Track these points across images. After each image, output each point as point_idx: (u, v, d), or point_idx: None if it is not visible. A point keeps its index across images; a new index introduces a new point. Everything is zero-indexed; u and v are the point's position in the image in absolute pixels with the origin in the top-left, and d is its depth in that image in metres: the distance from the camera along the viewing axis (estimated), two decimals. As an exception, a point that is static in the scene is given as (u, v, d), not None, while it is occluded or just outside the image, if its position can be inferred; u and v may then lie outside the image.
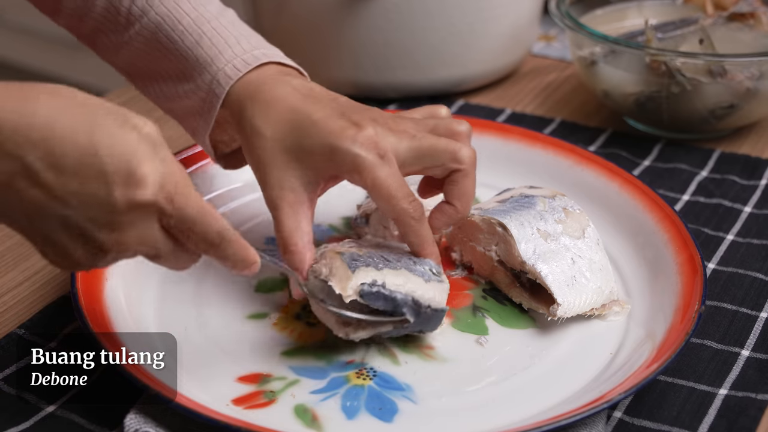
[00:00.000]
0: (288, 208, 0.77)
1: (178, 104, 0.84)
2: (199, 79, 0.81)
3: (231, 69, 0.80)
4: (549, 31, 1.35)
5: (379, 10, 1.11)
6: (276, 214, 0.77)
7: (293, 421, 0.73)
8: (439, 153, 0.77)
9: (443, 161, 0.78)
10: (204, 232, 0.66)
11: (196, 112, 0.82)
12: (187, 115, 0.84)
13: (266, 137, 0.77)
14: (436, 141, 0.78)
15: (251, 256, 0.69)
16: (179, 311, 0.82)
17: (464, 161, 0.78)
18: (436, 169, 0.78)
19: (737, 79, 1.03)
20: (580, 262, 0.82)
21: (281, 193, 0.77)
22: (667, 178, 1.03)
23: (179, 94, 0.83)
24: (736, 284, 0.88)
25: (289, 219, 0.77)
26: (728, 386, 0.77)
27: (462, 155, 0.77)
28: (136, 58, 0.84)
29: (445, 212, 0.79)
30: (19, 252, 0.91)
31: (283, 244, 0.77)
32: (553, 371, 0.78)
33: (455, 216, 0.80)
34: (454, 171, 0.78)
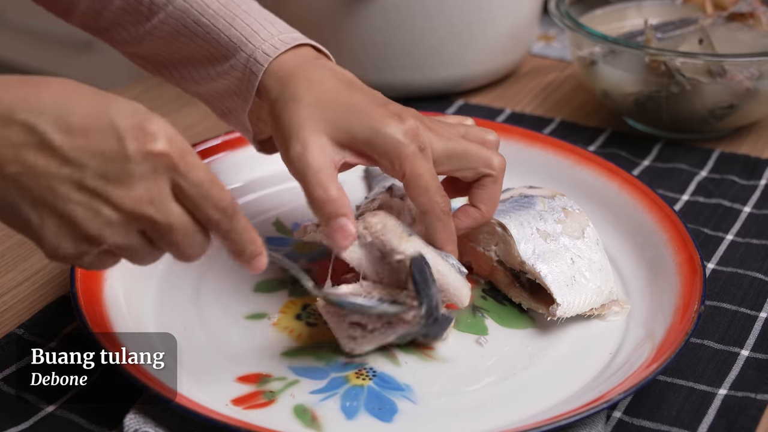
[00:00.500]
0: (318, 158, 0.75)
1: (208, 86, 0.84)
2: (234, 59, 0.81)
3: (269, 47, 0.80)
4: (548, 31, 1.35)
5: (379, 11, 1.11)
6: (303, 162, 0.75)
7: (293, 421, 0.73)
8: (473, 157, 0.79)
9: (476, 165, 0.79)
10: (218, 198, 0.65)
11: (232, 91, 0.82)
12: (219, 96, 0.83)
13: (305, 103, 0.77)
14: (470, 145, 0.79)
15: (259, 242, 0.69)
16: (179, 311, 0.83)
17: (496, 168, 0.80)
18: (467, 172, 0.79)
19: (737, 79, 1.04)
20: (579, 262, 0.82)
21: (310, 146, 0.75)
22: (667, 178, 1.03)
23: (210, 76, 0.83)
24: (736, 284, 0.88)
25: (321, 165, 0.75)
26: (728, 386, 0.77)
27: (494, 162, 0.79)
28: (160, 46, 0.84)
29: (470, 215, 0.81)
30: (19, 252, 0.91)
31: (322, 203, 0.75)
32: (552, 371, 0.78)
33: (479, 219, 0.81)
34: (485, 176, 0.80)
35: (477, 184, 0.80)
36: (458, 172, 0.80)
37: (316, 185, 0.74)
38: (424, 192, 0.76)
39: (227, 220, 0.66)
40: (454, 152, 0.79)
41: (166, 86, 1.20)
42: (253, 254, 0.69)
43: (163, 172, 0.63)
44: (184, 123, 1.13)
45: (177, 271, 0.86)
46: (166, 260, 0.87)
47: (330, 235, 0.75)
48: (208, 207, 0.66)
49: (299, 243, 0.91)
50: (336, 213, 0.75)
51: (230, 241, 0.68)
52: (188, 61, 0.84)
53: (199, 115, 1.14)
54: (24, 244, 0.92)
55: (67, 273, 0.88)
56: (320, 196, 0.74)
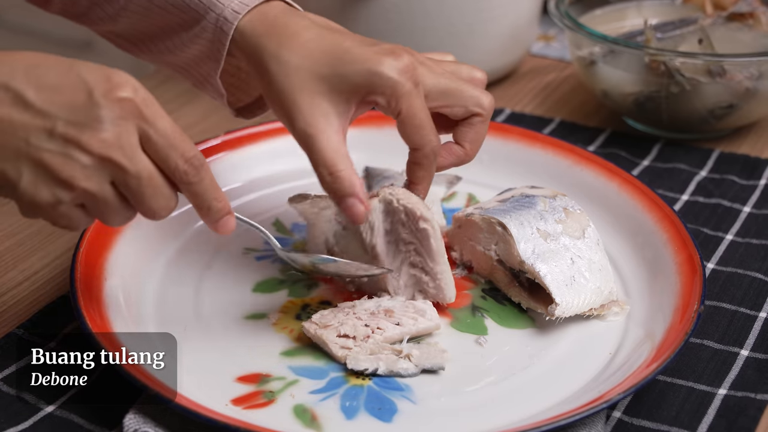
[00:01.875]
0: (324, 133, 0.75)
1: (183, 54, 0.83)
2: (204, 21, 0.80)
3: (237, 5, 0.79)
4: (548, 31, 1.35)
5: (379, 11, 1.11)
6: (311, 141, 0.75)
7: (292, 421, 0.73)
8: (464, 95, 0.79)
9: (466, 104, 0.79)
10: (185, 147, 0.68)
11: (204, 55, 0.81)
12: (194, 64, 0.83)
13: (294, 65, 0.76)
14: (461, 83, 0.80)
15: (226, 201, 0.71)
16: (179, 311, 0.82)
17: (486, 107, 0.80)
18: (458, 110, 0.80)
19: (736, 79, 1.04)
20: (579, 263, 0.82)
21: (314, 120, 0.75)
22: (667, 178, 1.03)
23: (184, 42, 0.82)
24: (735, 284, 0.88)
25: (328, 143, 0.74)
26: (727, 386, 0.77)
27: (484, 101, 0.80)
28: (136, 21, 0.84)
29: (454, 152, 0.81)
30: (19, 252, 0.91)
31: (327, 170, 0.74)
32: (552, 371, 0.78)
33: (463, 158, 0.81)
34: (475, 115, 0.80)
35: (465, 122, 0.80)
36: (448, 108, 0.79)
37: (324, 166, 0.74)
38: (417, 130, 0.76)
39: (194, 171, 0.69)
40: (446, 89, 0.79)
41: (166, 86, 1.20)
42: (221, 212, 0.71)
43: (130, 119, 0.67)
44: (184, 123, 1.13)
45: (177, 271, 0.86)
46: (165, 260, 0.87)
47: (344, 213, 0.76)
48: (174, 156, 0.68)
49: (298, 243, 0.91)
50: (345, 193, 0.75)
51: (197, 197, 0.70)
52: (163, 32, 0.84)
53: (198, 115, 1.14)
54: (24, 245, 0.92)
55: (67, 273, 0.88)
56: (328, 178, 0.75)
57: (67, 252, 0.90)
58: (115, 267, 0.83)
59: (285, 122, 0.77)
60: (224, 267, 0.87)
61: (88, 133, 0.66)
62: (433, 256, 0.80)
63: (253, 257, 0.89)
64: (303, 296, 0.84)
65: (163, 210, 0.70)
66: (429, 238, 0.80)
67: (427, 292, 0.82)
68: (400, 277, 0.81)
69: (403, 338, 0.78)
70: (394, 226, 0.80)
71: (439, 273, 0.81)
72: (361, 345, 0.76)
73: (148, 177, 0.68)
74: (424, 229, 0.79)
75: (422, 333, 0.78)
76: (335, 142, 0.75)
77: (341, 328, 0.77)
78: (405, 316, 0.78)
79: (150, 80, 1.22)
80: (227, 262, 0.88)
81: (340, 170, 0.74)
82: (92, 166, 0.66)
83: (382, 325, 0.77)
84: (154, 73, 1.25)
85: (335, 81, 0.75)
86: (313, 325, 0.78)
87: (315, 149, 0.74)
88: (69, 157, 0.66)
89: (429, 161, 0.78)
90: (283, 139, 0.99)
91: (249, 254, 0.89)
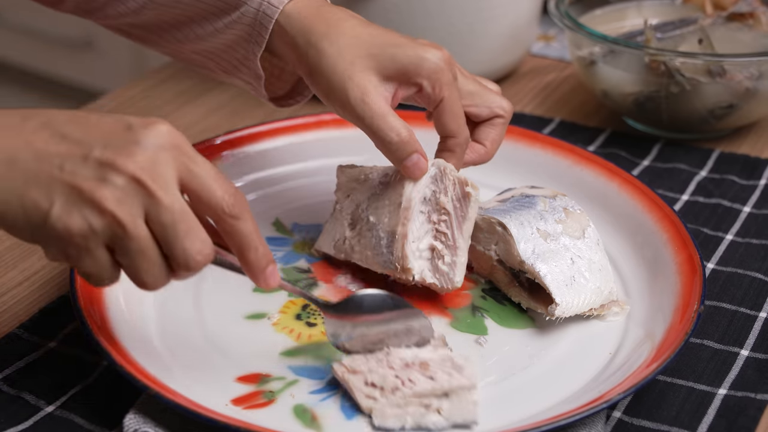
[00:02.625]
0: (380, 101, 0.79)
1: (215, 40, 0.84)
2: (245, 6, 0.81)
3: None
4: (548, 31, 1.35)
5: (379, 11, 1.11)
6: (370, 108, 0.78)
7: (292, 421, 0.73)
8: (489, 97, 0.85)
9: (491, 105, 0.85)
10: (228, 184, 0.66)
11: (242, 39, 0.82)
12: (227, 49, 0.84)
13: (345, 44, 0.79)
14: (486, 87, 0.86)
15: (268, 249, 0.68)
16: (179, 311, 0.82)
17: (507, 110, 0.86)
18: (483, 110, 0.85)
19: (736, 79, 1.04)
20: (579, 263, 0.82)
21: (369, 90, 0.79)
22: (667, 178, 1.03)
23: (217, 29, 0.83)
24: (736, 284, 0.88)
25: (387, 108, 0.79)
26: (727, 386, 0.77)
27: (506, 105, 0.86)
28: (163, 12, 0.84)
29: (476, 150, 0.85)
30: (19, 252, 0.91)
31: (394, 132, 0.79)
32: (552, 371, 0.78)
33: (483, 156, 0.86)
34: (497, 116, 0.85)
35: (488, 122, 0.85)
36: (474, 108, 0.84)
37: (388, 129, 0.79)
38: (456, 118, 0.81)
39: (240, 206, 0.66)
40: (474, 90, 0.84)
41: (166, 86, 1.20)
42: (266, 257, 0.68)
43: (168, 150, 0.64)
44: (184, 122, 1.13)
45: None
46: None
47: (405, 171, 0.80)
48: (219, 189, 0.65)
49: (298, 243, 0.91)
50: (413, 150, 0.80)
51: (242, 237, 0.67)
52: (191, 20, 0.84)
53: (198, 115, 1.14)
54: (24, 244, 0.92)
55: (67, 273, 0.88)
56: (394, 139, 0.79)
57: (67, 252, 0.90)
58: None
59: (335, 98, 0.79)
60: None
61: (123, 156, 0.63)
62: (464, 228, 0.82)
63: (253, 257, 0.89)
64: (303, 296, 0.84)
65: (198, 255, 0.65)
66: (469, 206, 0.82)
67: (439, 269, 0.82)
68: (420, 244, 0.82)
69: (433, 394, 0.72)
70: (436, 196, 0.82)
71: (460, 249, 0.82)
72: (387, 397, 0.72)
73: (182, 212, 0.64)
74: (468, 193, 0.81)
75: (455, 390, 0.72)
76: (389, 108, 0.79)
77: (370, 375, 0.73)
78: (440, 371, 0.73)
79: (149, 79, 1.22)
80: (227, 262, 0.88)
81: (404, 131, 0.79)
82: (124, 187, 0.63)
83: (413, 377, 0.73)
84: (153, 72, 1.25)
85: (385, 59, 0.79)
86: (342, 367, 0.74)
87: (375, 115, 0.78)
88: (102, 180, 0.63)
89: (462, 150, 0.83)
90: (283, 139, 0.99)
91: (249, 254, 0.89)
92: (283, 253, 0.90)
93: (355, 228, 0.85)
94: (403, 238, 0.81)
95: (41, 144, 0.64)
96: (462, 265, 0.82)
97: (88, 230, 0.63)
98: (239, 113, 1.14)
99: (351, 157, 0.80)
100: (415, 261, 0.81)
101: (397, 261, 0.81)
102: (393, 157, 0.80)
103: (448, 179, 0.82)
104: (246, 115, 1.13)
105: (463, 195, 0.82)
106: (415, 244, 0.81)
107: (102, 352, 0.72)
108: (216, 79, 0.87)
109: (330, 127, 1.00)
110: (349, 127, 0.87)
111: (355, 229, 0.85)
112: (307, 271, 0.88)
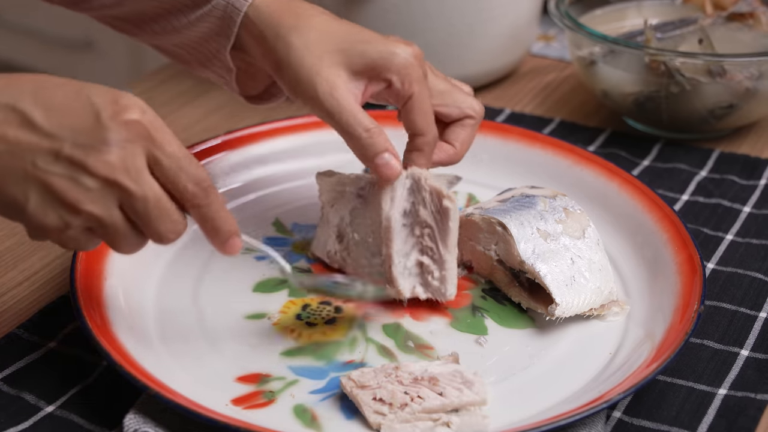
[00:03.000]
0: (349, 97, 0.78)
1: (189, 33, 0.84)
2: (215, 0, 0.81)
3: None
4: (548, 31, 1.35)
5: (378, 11, 1.11)
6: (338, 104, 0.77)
7: (292, 421, 0.73)
8: (459, 98, 0.84)
9: (461, 105, 0.83)
10: (194, 170, 0.68)
11: (213, 32, 0.82)
12: (200, 41, 0.84)
13: (313, 38, 0.78)
14: (456, 88, 0.84)
15: (234, 222, 0.71)
16: (179, 311, 0.82)
17: (478, 111, 0.84)
18: (453, 110, 0.83)
19: (736, 79, 1.04)
20: (579, 263, 0.82)
21: (338, 85, 0.78)
22: (667, 178, 1.03)
23: (191, 21, 0.83)
24: (736, 284, 0.88)
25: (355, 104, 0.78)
26: (727, 386, 0.77)
27: (476, 106, 0.84)
28: (143, 3, 0.84)
29: (445, 150, 0.84)
30: (19, 252, 0.91)
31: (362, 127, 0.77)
32: (552, 371, 0.78)
33: (453, 157, 0.84)
34: (467, 117, 0.84)
35: (458, 123, 0.84)
36: (445, 108, 0.83)
37: (356, 125, 0.77)
38: (424, 115, 0.80)
39: (203, 193, 0.69)
40: (444, 90, 0.83)
41: (166, 86, 1.20)
42: (229, 233, 0.71)
43: (137, 141, 0.66)
44: (184, 122, 1.13)
45: (177, 271, 0.86)
46: (165, 259, 0.87)
47: (376, 171, 0.78)
48: (184, 179, 0.68)
49: (298, 243, 0.91)
50: (382, 148, 0.78)
51: (205, 220, 0.70)
52: (169, 12, 0.84)
53: (198, 115, 1.14)
54: (24, 244, 0.92)
55: (67, 273, 0.88)
56: (363, 135, 0.77)
57: (67, 252, 0.91)
58: (115, 267, 0.83)
59: (302, 92, 0.78)
60: (224, 267, 0.87)
61: (93, 156, 0.65)
62: (448, 241, 0.80)
63: (253, 257, 0.89)
64: (303, 296, 0.84)
65: (171, 233, 0.69)
66: (449, 219, 0.80)
67: (430, 285, 0.81)
68: (407, 261, 0.81)
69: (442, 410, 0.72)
70: (415, 207, 0.80)
71: (448, 263, 0.81)
72: (396, 413, 0.72)
73: (155, 200, 0.67)
74: (446, 208, 0.79)
75: (464, 406, 0.72)
76: (358, 104, 0.78)
77: (378, 391, 0.72)
78: (450, 386, 0.73)
79: (149, 80, 1.22)
80: (227, 262, 0.88)
81: (373, 127, 0.77)
82: (98, 189, 0.66)
83: (423, 393, 0.72)
84: (152, 73, 1.25)
85: (354, 54, 0.78)
86: (351, 382, 0.73)
87: (344, 110, 0.77)
88: (75, 181, 0.65)
89: (430, 148, 0.81)
90: (284, 139, 0.99)
91: (249, 254, 0.89)
92: (283, 253, 0.90)
93: (343, 241, 0.85)
94: (389, 260, 0.80)
95: (12, 134, 0.65)
96: (452, 277, 0.81)
97: (64, 226, 0.67)
98: (238, 114, 1.14)
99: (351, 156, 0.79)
100: (404, 280, 0.81)
101: (388, 282, 0.81)
102: (362, 154, 0.78)
103: (424, 190, 0.80)
104: (245, 116, 1.13)
105: (442, 210, 0.80)
106: (402, 262, 0.81)
107: (102, 352, 0.72)
108: (196, 74, 0.88)
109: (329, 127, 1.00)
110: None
111: (343, 243, 0.85)
112: (307, 271, 0.88)
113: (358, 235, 0.83)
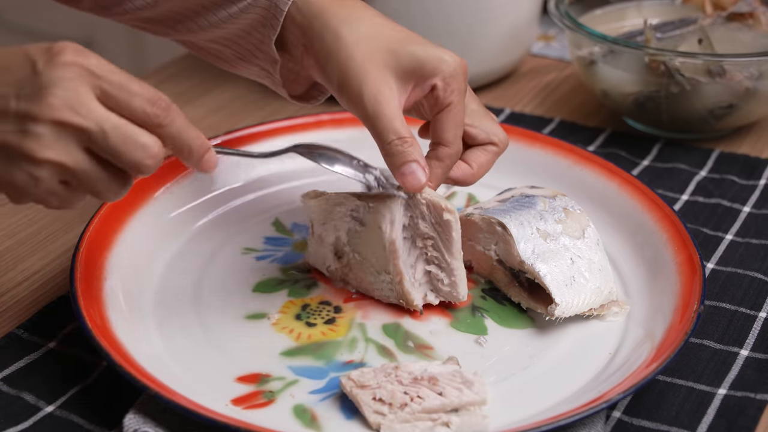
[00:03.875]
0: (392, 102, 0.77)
1: (230, 26, 0.83)
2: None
3: None
4: (548, 31, 1.35)
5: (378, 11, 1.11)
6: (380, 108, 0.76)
7: (292, 421, 0.73)
8: (490, 124, 0.83)
9: (488, 131, 0.83)
10: (146, 93, 0.67)
11: (258, 23, 0.81)
12: (242, 34, 0.83)
13: (364, 33, 0.77)
14: (487, 112, 0.84)
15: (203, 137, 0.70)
16: (178, 311, 0.82)
17: (503, 141, 0.84)
18: (481, 134, 0.83)
19: (736, 79, 1.04)
20: (579, 263, 0.82)
21: (383, 89, 0.77)
22: (666, 177, 1.03)
23: (232, 14, 0.82)
24: (735, 284, 0.88)
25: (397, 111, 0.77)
26: (727, 386, 0.77)
27: (503, 136, 0.84)
28: (178, 3, 0.84)
29: (462, 169, 0.83)
30: (19, 252, 0.91)
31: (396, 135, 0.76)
32: (552, 371, 0.78)
33: (468, 178, 0.83)
34: (492, 143, 0.83)
35: (481, 147, 0.83)
36: (473, 129, 0.83)
37: (392, 133, 0.76)
38: (456, 127, 0.79)
39: (163, 113, 0.68)
40: (477, 110, 0.83)
41: (166, 86, 1.20)
42: (201, 149, 0.70)
43: (77, 79, 0.66)
44: (184, 123, 1.13)
45: (177, 271, 0.86)
46: (165, 260, 0.87)
47: (400, 179, 0.77)
48: (137, 103, 0.67)
49: (298, 243, 0.91)
50: (412, 158, 0.77)
51: (174, 139, 0.69)
52: (206, 9, 0.83)
53: (198, 115, 1.14)
54: (24, 244, 0.92)
55: (67, 273, 0.88)
56: (394, 141, 0.76)
57: (67, 252, 0.91)
58: (115, 267, 0.83)
59: (347, 88, 0.77)
60: (224, 267, 0.87)
61: (37, 103, 0.65)
62: (453, 251, 0.81)
63: (253, 257, 0.89)
64: (303, 296, 0.84)
65: (146, 159, 0.67)
66: (452, 231, 0.80)
67: (441, 290, 0.82)
68: (415, 273, 0.81)
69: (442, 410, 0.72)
70: (413, 221, 0.80)
71: (456, 269, 0.81)
72: (396, 413, 0.72)
73: (113, 128, 0.66)
74: (447, 220, 0.80)
75: (464, 406, 0.72)
76: (399, 111, 0.77)
77: (378, 391, 0.72)
78: (450, 386, 0.73)
79: (149, 80, 1.22)
80: (227, 262, 0.88)
81: (408, 136, 0.76)
82: (49, 134, 0.65)
83: (422, 393, 0.72)
84: (152, 73, 1.25)
85: (404, 56, 0.77)
86: (350, 382, 0.73)
87: (384, 115, 0.76)
88: (26, 132, 0.65)
89: (452, 161, 0.80)
90: (284, 139, 0.99)
91: (249, 254, 0.89)
92: (283, 253, 0.90)
93: (342, 259, 0.84)
94: (399, 277, 0.80)
95: None
96: (462, 280, 0.82)
97: (32, 180, 0.66)
98: (238, 114, 1.14)
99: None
100: (416, 292, 0.82)
101: (400, 298, 0.82)
102: (390, 161, 0.77)
103: (420, 203, 0.80)
104: (245, 116, 1.13)
105: (443, 222, 0.80)
106: (410, 275, 0.81)
107: (102, 352, 0.72)
108: (231, 70, 0.87)
109: (329, 127, 1.00)
110: (347, 128, 0.88)
111: (343, 260, 0.84)
112: (307, 271, 0.88)
113: (359, 255, 0.83)
